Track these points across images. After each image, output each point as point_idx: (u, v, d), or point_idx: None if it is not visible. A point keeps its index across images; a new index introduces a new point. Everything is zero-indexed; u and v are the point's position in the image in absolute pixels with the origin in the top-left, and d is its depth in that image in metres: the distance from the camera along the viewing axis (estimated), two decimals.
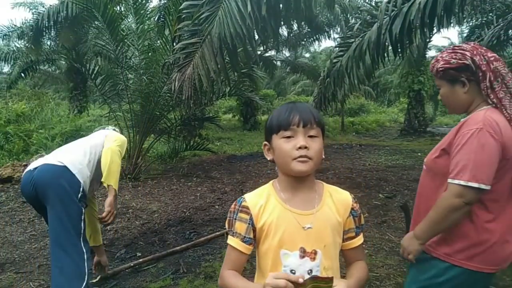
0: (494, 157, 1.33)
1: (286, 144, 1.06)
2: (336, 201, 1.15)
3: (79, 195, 2.31)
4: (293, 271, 1.07)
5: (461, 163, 1.34)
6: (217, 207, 4.99)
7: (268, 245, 1.09)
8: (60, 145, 3.03)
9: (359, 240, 1.18)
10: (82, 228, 2.31)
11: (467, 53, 1.42)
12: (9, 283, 2.95)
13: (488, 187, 1.33)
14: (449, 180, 1.37)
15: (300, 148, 1.04)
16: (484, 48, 1.45)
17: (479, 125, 1.35)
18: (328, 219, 1.11)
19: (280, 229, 1.07)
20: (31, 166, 2.37)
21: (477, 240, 1.40)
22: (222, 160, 8.55)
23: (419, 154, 8.91)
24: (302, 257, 1.07)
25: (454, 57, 1.44)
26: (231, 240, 1.12)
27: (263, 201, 1.11)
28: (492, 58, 1.41)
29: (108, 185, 2.40)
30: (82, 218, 2.31)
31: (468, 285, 1.44)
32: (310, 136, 1.07)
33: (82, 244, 2.28)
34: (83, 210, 2.34)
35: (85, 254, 2.27)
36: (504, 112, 1.40)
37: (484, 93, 1.42)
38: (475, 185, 1.31)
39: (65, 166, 2.31)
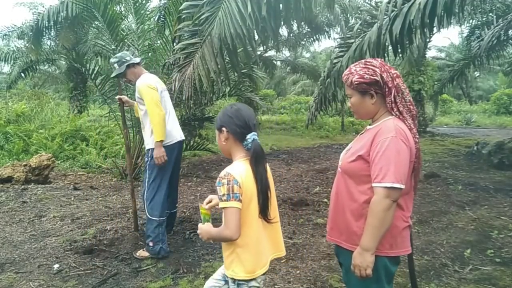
0: (407, 160, 1.57)
1: None
2: None
3: None
4: None
5: (384, 168, 1.52)
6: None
7: None
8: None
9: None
10: None
11: (377, 69, 1.62)
12: (9, 283, 2.95)
13: (404, 186, 1.54)
14: (375, 185, 1.54)
15: None
16: (388, 65, 1.67)
17: (392, 133, 1.55)
18: None
19: None
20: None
21: (397, 232, 1.62)
22: (222, 160, 8.55)
23: None
24: None
25: (367, 72, 1.63)
26: None
27: None
28: (395, 75, 1.64)
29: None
30: None
31: (389, 270, 1.66)
32: None
33: None
34: None
35: None
36: (406, 122, 1.63)
37: (389, 106, 1.65)
38: (398, 185, 1.51)
39: None
